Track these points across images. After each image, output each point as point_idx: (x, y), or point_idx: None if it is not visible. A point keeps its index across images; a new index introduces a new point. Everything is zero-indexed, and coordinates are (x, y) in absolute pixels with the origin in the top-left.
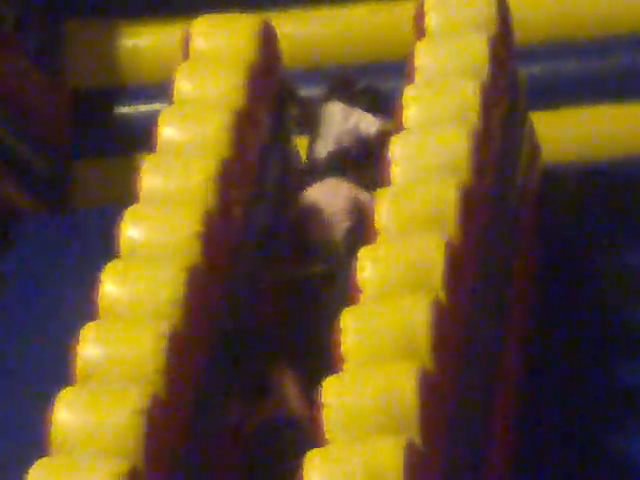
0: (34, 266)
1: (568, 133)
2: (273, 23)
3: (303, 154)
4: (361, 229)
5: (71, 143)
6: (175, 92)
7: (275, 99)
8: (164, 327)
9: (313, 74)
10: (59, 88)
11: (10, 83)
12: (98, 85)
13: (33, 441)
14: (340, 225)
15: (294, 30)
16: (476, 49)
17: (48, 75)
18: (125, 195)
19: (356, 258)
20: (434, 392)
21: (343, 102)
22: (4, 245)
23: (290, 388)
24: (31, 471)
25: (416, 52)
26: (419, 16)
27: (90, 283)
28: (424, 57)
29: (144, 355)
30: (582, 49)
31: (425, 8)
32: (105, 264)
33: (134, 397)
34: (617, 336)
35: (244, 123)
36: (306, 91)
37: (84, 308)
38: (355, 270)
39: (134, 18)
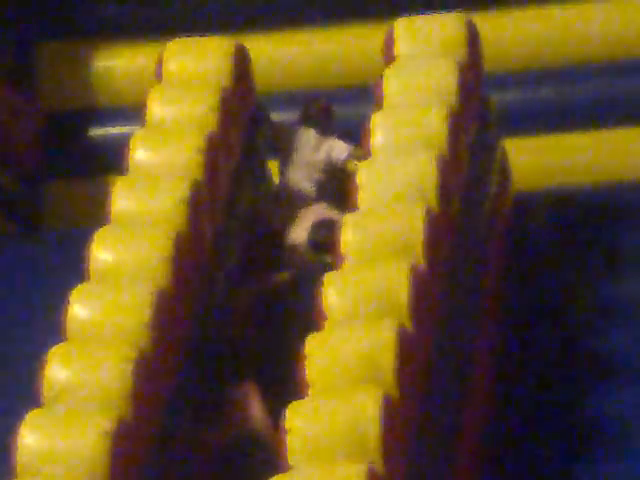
0: (3, 286)
1: (539, 161)
2: (247, 45)
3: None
4: (327, 232)
5: (43, 165)
6: (148, 115)
7: (248, 122)
8: (131, 351)
9: (287, 96)
10: (31, 110)
11: None
12: (70, 107)
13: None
14: (306, 224)
15: (268, 52)
16: (445, 75)
17: (21, 97)
18: (97, 217)
19: (321, 277)
20: (397, 419)
21: (317, 129)
22: None
23: (254, 406)
24: None
25: (384, 78)
26: (388, 42)
27: (59, 305)
28: (392, 83)
29: (111, 378)
30: (554, 77)
31: (395, 34)
32: (74, 286)
33: (100, 420)
34: (584, 362)
35: (216, 146)
36: (279, 113)
37: (53, 329)
38: (320, 296)
39: (107, 41)
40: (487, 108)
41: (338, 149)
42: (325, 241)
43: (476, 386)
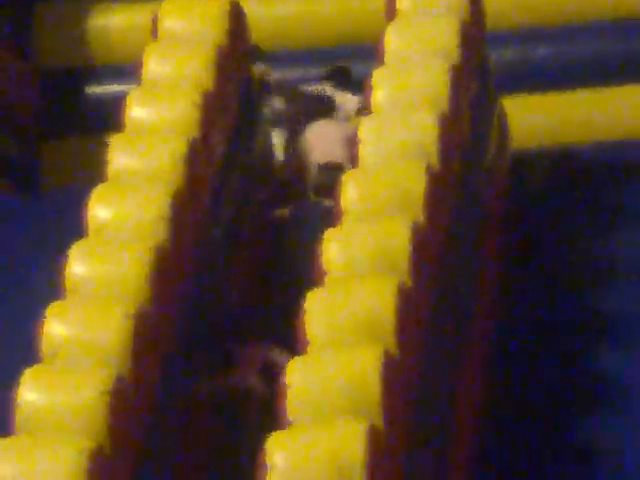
0: (3, 248)
1: (538, 119)
2: (242, 3)
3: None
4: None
5: (39, 123)
6: (143, 72)
7: (245, 80)
8: (130, 307)
9: (285, 56)
10: (28, 68)
11: None
12: (66, 65)
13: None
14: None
15: (264, 10)
16: (447, 31)
17: (16, 55)
18: (93, 175)
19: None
20: (397, 375)
21: (332, 84)
22: None
23: (253, 363)
24: None
25: (386, 34)
26: None
27: (57, 262)
28: (394, 39)
29: (110, 335)
30: (553, 34)
31: None
32: (72, 244)
33: (99, 377)
34: (582, 325)
35: (212, 104)
36: (278, 73)
37: (53, 289)
38: (319, 251)
39: None
40: (487, 66)
41: (350, 103)
42: (328, 185)
43: (475, 348)
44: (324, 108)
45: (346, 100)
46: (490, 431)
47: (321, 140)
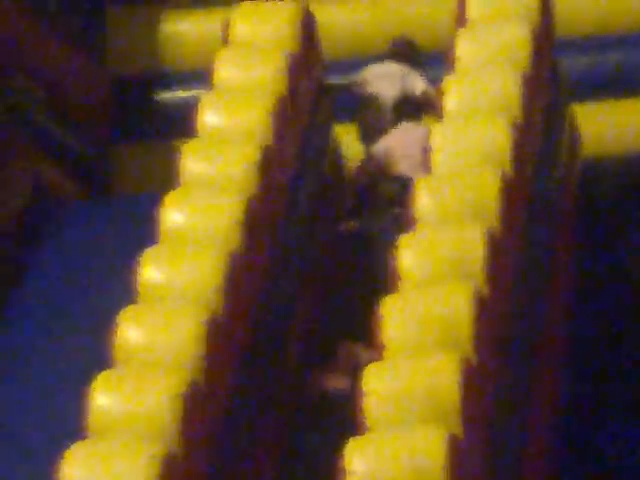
0: (74, 252)
1: (609, 125)
2: (313, 10)
3: None
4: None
5: (112, 128)
6: (215, 78)
7: (315, 86)
8: (203, 313)
9: (354, 63)
10: (100, 73)
11: (52, 68)
12: (139, 70)
13: (74, 425)
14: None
15: (334, 17)
16: (518, 39)
17: (90, 60)
18: (165, 180)
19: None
20: (475, 382)
21: (403, 63)
22: (44, 231)
23: (347, 366)
24: (67, 454)
25: (457, 41)
26: (461, 6)
27: (129, 269)
28: (465, 46)
29: (182, 340)
30: (624, 41)
31: None
32: (144, 250)
33: (171, 382)
34: None
35: (286, 109)
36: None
37: (124, 294)
38: (395, 257)
39: (176, 4)
40: (557, 73)
41: (416, 83)
42: (396, 195)
43: (549, 351)
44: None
45: (415, 82)
46: (565, 433)
47: (401, 147)
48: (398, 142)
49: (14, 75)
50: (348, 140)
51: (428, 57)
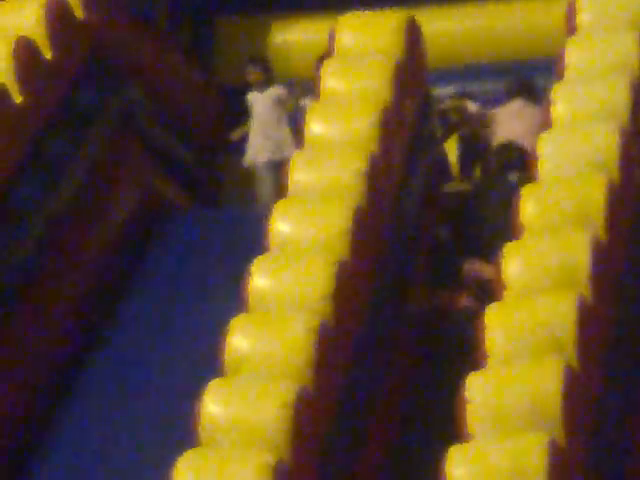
0: (181, 262)
1: None
2: (419, 20)
3: None
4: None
5: (222, 140)
6: (321, 88)
7: (422, 96)
8: (314, 321)
9: (459, 71)
10: (209, 84)
11: (163, 79)
12: (247, 81)
13: (184, 433)
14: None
15: (441, 27)
16: (627, 47)
17: (199, 72)
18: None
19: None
20: (578, 390)
21: (523, 99)
22: (152, 242)
23: (467, 285)
24: (179, 462)
25: (567, 49)
26: (570, 14)
27: (237, 278)
28: (575, 54)
29: (292, 348)
30: None
31: (577, 6)
32: (254, 259)
33: (282, 391)
34: None
35: (392, 119)
36: (450, 88)
37: (231, 303)
38: (500, 265)
39: (283, 15)
40: None
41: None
42: (510, 162)
43: None
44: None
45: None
46: None
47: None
48: (509, 112)
49: (127, 85)
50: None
51: (537, 64)
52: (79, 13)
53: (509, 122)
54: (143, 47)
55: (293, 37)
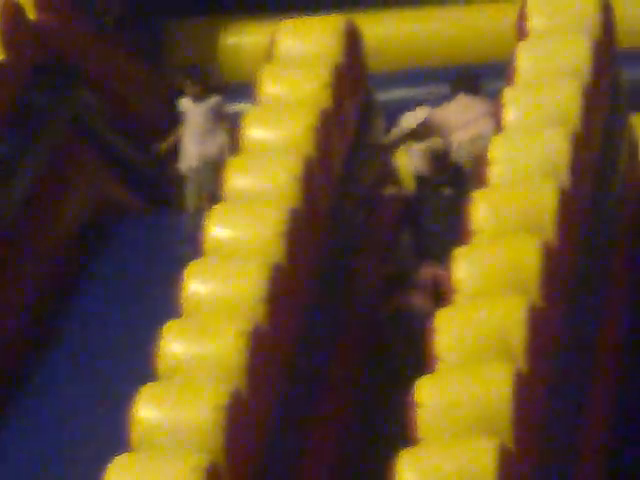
0: (130, 265)
1: None
2: (359, 24)
3: None
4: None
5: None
6: (260, 92)
7: (361, 101)
8: (247, 325)
9: (400, 76)
10: (159, 87)
11: (114, 82)
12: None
13: (118, 438)
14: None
15: (380, 31)
16: (578, 52)
17: (150, 73)
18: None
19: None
20: (528, 395)
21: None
22: (103, 246)
23: (424, 284)
24: (111, 466)
25: (517, 53)
26: (521, 17)
27: (176, 282)
28: (525, 59)
29: (226, 352)
30: None
31: (527, 10)
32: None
33: (215, 394)
34: None
35: (330, 123)
36: (392, 92)
37: (170, 306)
38: (450, 270)
39: (233, 18)
40: (618, 85)
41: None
42: (443, 177)
43: (603, 362)
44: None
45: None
46: (619, 445)
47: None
48: (455, 112)
49: (77, 88)
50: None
51: (487, 69)
52: (31, 14)
53: (456, 118)
54: (94, 49)
55: (243, 39)
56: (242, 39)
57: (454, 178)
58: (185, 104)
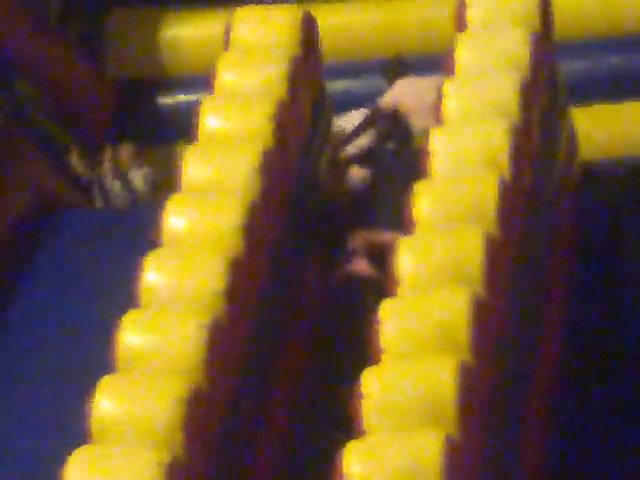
0: (70, 260)
1: (607, 129)
2: (314, 14)
3: None
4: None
5: (112, 132)
6: (216, 82)
7: (317, 91)
8: (206, 318)
9: (354, 66)
10: (102, 78)
11: (55, 75)
12: (139, 74)
13: (77, 431)
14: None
15: (336, 21)
16: (517, 43)
17: (91, 66)
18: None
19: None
20: (473, 386)
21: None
22: (41, 239)
23: (363, 251)
24: (71, 459)
25: (456, 45)
26: (460, 9)
27: (124, 276)
28: (464, 50)
29: (185, 345)
30: (624, 45)
31: (467, 2)
32: (145, 255)
33: (175, 387)
34: None
35: (286, 113)
36: (345, 82)
37: (119, 301)
38: (393, 261)
39: (176, 9)
40: (557, 76)
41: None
42: (389, 132)
43: (547, 353)
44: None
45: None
46: (560, 436)
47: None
48: (408, 93)
49: (16, 80)
50: None
51: (429, 60)
52: None
53: (409, 101)
54: (34, 40)
55: (186, 31)
56: (184, 30)
57: (400, 133)
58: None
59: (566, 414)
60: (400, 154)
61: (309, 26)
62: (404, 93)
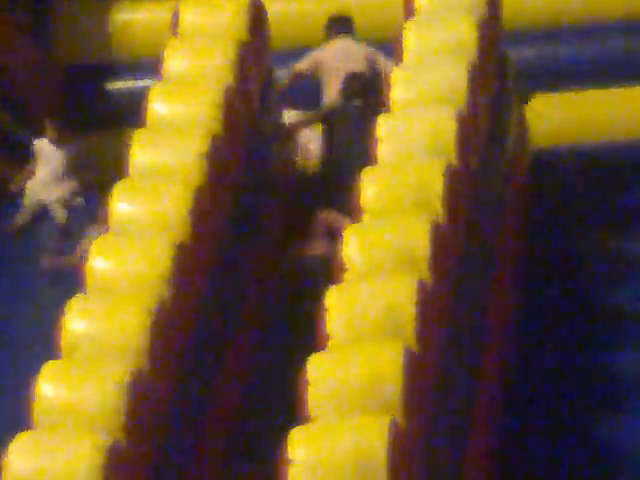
0: (20, 238)
1: (558, 116)
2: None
3: None
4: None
5: (61, 118)
6: (165, 68)
7: (265, 76)
8: (150, 303)
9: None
10: (50, 64)
11: (2, 60)
12: (88, 60)
13: (17, 416)
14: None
15: (283, 8)
16: (465, 31)
17: (39, 51)
18: (115, 170)
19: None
20: (417, 370)
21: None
22: None
23: (320, 230)
24: (12, 445)
25: (405, 32)
26: None
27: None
28: (413, 38)
29: (129, 330)
30: (575, 33)
31: None
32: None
33: (117, 373)
34: (598, 317)
35: (235, 99)
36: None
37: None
38: (341, 247)
39: None
40: (505, 65)
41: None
42: (356, 90)
43: (493, 340)
44: None
45: (386, 61)
46: (507, 422)
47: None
48: (332, 55)
49: None
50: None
51: (376, 48)
52: None
53: (335, 60)
54: None
55: (135, 16)
56: (134, 14)
57: (363, 90)
58: (41, 145)
59: (516, 394)
60: (364, 110)
61: (257, 11)
62: (331, 54)
